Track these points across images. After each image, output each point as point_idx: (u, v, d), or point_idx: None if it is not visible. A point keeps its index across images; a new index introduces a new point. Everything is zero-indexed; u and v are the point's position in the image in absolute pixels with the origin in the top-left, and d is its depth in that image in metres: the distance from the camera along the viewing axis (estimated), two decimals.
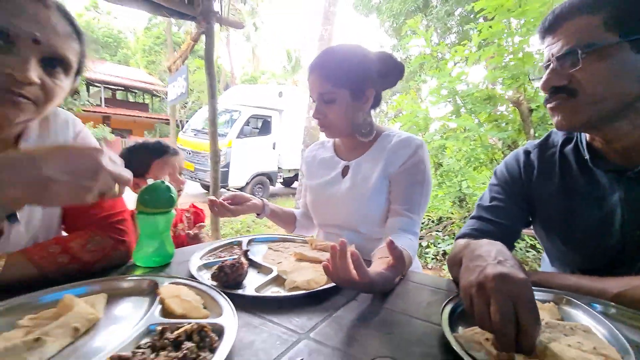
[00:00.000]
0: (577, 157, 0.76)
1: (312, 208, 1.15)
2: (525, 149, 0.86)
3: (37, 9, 0.57)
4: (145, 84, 19.52)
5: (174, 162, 1.28)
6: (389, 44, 16.12)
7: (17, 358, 0.39)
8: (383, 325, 0.55)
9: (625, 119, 0.64)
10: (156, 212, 0.73)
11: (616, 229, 0.69)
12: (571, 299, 0.61)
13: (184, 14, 2.66)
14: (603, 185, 0.72)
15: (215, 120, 2.90)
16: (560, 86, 0.66)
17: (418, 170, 0.97)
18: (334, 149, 1.15)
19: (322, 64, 0.97)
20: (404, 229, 0.92)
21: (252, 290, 0.62)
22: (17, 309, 0.49)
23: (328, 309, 0.59)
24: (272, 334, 0.50)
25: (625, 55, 0.60)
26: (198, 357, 0.40)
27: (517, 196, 0.84)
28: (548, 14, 0.67)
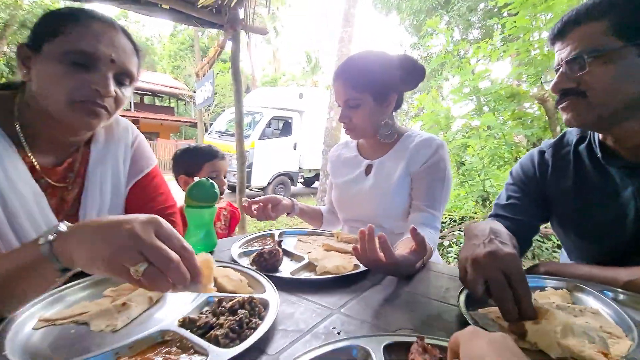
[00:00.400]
0: (591, 155, 0.80)
1: (337, 204, 1.22)
2: (539, 149, 0.90)
3: (110, 33, 0.69)
4: (171, 89, 20.26)
5: (221, 165, 1.41)
6: (409, 42, 15.89)
7: (110, 318, 0.49)
8: (405, 304, 0.62)
9: (633, 119, 0.68)
10: (202, 206, 0.83)
11: (630, 221, 0.73)
12: (583, 287, 0.66)
13: (212, 23, 2.81)
14: (616, 181, 0.75)
15: (241, 123, 3.04)
16: (569, 88, 0.70)
17: (439, 168, 1.03)
18: (357, 149, 1.22)
19: (347, 72, 1.04)
20: (426, 224, 0.98)
21: (287, 274, 0.71)
22: (100, 283, 0.60)
23: (356, 290, 0.66)
24: (308, 309, 0.58)
25: (631, 58, 0.63)
26: (250, 321, 0.49)
27: (533, 194, 0.88)
28: (557, 21, 0.71)
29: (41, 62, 0.65)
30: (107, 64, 0.66)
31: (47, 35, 0.65)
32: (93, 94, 0.65)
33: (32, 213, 0.66)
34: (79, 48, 0.64)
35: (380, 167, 1.11)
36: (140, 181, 0.86)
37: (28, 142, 0.69)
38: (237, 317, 0.48)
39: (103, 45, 0.66)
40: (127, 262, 0.41)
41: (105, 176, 0.80)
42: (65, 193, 0.75)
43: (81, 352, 0.42)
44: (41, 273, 0.45)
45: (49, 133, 0.71)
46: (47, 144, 0.72)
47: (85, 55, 0.64)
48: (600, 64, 0.66)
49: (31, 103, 0.68)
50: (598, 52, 0.65)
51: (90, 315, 0.49)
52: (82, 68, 0.65)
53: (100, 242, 0.42)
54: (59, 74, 0.64)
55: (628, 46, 0.64)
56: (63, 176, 0.75)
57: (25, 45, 0.67)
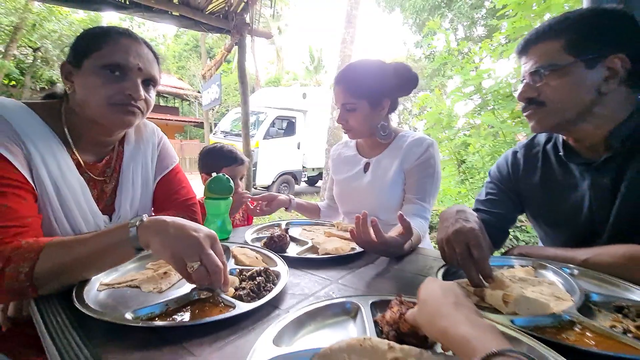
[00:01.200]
0: (556, 153, 0.91)
1: (338, 199, 1.35)
2: (513, 150, 1.02)
3: (135, 46, 0.82)
4: (176, 89, 20.49)
5: (238, 171, 1.53)
6: (412, 41, 15.94)
7: (155, 283, 0.62)
8: (393, 278, 0.74)
9: (587, 122, 0.79)
10: (219, 198, 0.96)
11: (586, 210, 0.84)
12: (545, 264, 0.78)
13: (219, 28, 2.94)
14: (575, 176, 0.87)
15: (248, 124, 3.17)
16: (532, 98, 0.82)
17: (429, 165, 1.15)
18: (356, 148, 1.35)
19: (345, 78, 1.16)
20: (416, 214, 1.10)
21: (294, 254, 0.84)
22: (143, 258, 0.74)
23: (352, 267, 0.79)
24: (311, 280, 0.71)
25: (580, 71, 0.75)
26: (266, 286, 0.61)
27: (508, 190, 1.01)
28: (522, 39, 0.83)
29: (82, 76, 0.78)
30: (135, 72, 0.79)
31: (86, 53, 0.78)
32: (127, 98, 0.78)
33: (79, 201, 0.80)
34: (113, 61, 0.77)
35: (377, 165, 1.23)
36: (166, 176, 0.99)
37: (74, 142, 0.82)
38: (256, 282, 0.60)
39: (131, 57, 0.79)
40: (187, 259, 0.55)
41: (136, 172, 0.93)
42: (104, 185, 0.88)
43: (138, 304, 0.55)
44: (123, 250, 0.60)
45: (90, 135, 0.84)
46: (89, 144, 0.85)
47: (118, 66, 0.77)
48: (556, 77, 0.77)
49: (76, 110, 0.81)
50: (554, 66, 0.77)
51: (140, 280, 0.62)
52: (116, 77, 0.77)
53: (173, 239, 0.56)
54: (98, 84, 0.77)
55: (578, 61, 0.75)
56: (102, 171, 0.88)
57: (67, 63, 0.80)
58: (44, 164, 0.73)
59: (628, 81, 0.77)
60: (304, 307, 0.54)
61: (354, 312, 0.55)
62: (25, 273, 0.56)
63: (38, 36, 10.64)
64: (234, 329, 0.50)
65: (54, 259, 0.58)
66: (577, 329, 0.53)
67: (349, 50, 5.67)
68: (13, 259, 0.57)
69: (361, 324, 0.51)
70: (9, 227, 0.62)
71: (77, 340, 0.47)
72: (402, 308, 0.51)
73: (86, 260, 0.59)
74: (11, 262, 0.57)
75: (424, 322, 0.42)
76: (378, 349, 0.42)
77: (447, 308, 0.39)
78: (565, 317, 0.55)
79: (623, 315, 0.57)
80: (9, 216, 0.63)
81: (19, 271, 0.56)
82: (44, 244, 0.60)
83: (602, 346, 0.48)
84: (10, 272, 0.56)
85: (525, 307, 0.58)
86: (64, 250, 0.59)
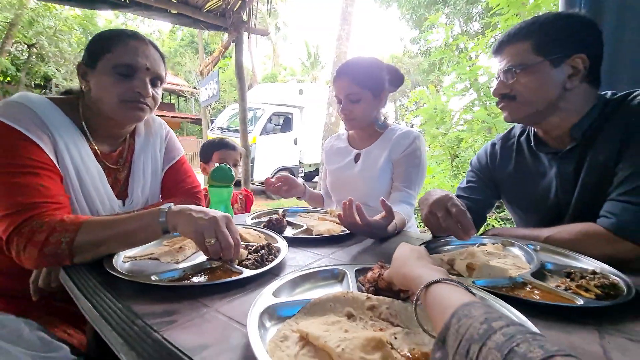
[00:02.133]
0: (528, 144, 1.02)
1: (330, 188, 1.45)
2: (492, 142, 1.13)
3: (143, 47, 0.90)
4: (172, 85, 20.42)
5: (229, 155, 1.65)
6: (409, 36, 15.98)
7: (173, 255, 0.72)
8: (377, 254, 0.84)
9: (553, 115, 0.89)
10: (221, 185, 1.05)
11: (553, 195, 0.95)
12: (512, 241, 0.88)
13: (217, 26, 3.01)
14: (545, 164, 0.97)
15: (245, 119, 3.26)
16: (505, 93, 0.92)
17: (415, 156, 1.25)
18: (347, 140, 1.45)
19: (350, 70, 1.25)
20: (403, 200, 1.20)
21: (290, 234, 0.93)
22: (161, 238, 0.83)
23: (342, 246, 0.89)
24: (306, 255, 0.81)
25: (547, 70, 0.85)
26: (269, 257, 0.71)
27: (485, 179, 1.12)
28: (497, 40, 0.93)
29: (97, 76, 0.86)
30: (144, 72, 0.88)
31: (99, 54, 0.86)
32: (136, 96, 0.87)
33: (97, 186, 0.89)
34: (124, 62, 0.85)
35: (367, 156, 1.33)
36: (173, 166, 1.09)
37: (91, 134, 0.91)
38: (259, 254, 0.70)
39: (140, 58, 0.87)
40: (206, 235, 0.66)
41: (146, 162, 1.02)
42: (118, 174, 0.97)
43: (160, 271, 0.64)
44: (153, 230, 0.70)
45: (104, 128, 0.93)
46: (104, 136, 0.94)
47: (128, 67, 0.85)
48: (525, 75, 0.87)
49: (91, 106, 0.90)
50: (524, 65, 0.87)
51: (159, 254, 0.72)
52: (126, 77, 0.86)
53: (196, 219, 0.68)
54: (110, 83, 0.85)
55: (545, 61, 0.85)
56: (116, 161, 0.97)
57: (82, 64, 0.89)
58: (67, 151, 0.82)
59: (588, 78, 0.87)
60: (298, 271, 0.64)
61: (341, 276, 0.65)
62: (67, 242, 0.66)
63: (33, 32, 10.58)
64: (240, 289, 0.60)
65: (92, 233, 0.68)
66: (528, 288, 0.63)
67: (345, 47, 5.74)
68: (57, 229, 0.67)
69: (346, 286, 0.61)
70: (49, 202, 0.72)
71: (110, 297, 0.56)
72: (382, 270, 0.61)
73: (120, 237, 0.69)
74: (55, 232, 0.67)
75: (393, 274, 0.52)
76: (358, 299, 0.52)
77: (411, 260, 0.50)
78: (519, 279, 0.65)
79: (570, 279, 0.67)
80: (47, 193, 0.72)
81: (61, 240, 0.66)
82: (84, 220, 0.70)
83: (545, 299, 0.58)
84: (54, 240, 0.66)
85: (487, 273, 0.69)
86: (101, 226, 0.69)
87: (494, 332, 0.29)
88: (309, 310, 0.50)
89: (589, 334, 0.48)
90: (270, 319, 0.48)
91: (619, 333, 0.48)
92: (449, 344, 0.33)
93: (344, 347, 0.38)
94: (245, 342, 0.43)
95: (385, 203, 0.86)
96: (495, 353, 0.27)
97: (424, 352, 0.42)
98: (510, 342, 0.27)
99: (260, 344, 0.39)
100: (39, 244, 0.66)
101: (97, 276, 0.64)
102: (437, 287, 0.41)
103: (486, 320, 0.31)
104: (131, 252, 0.74)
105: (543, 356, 0.24)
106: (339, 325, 0.46)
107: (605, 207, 0.81)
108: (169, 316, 0.50)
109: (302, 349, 0.42)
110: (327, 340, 0.40)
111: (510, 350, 0.26)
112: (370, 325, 0.48)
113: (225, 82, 16.85)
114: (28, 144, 0.74)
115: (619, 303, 0.54)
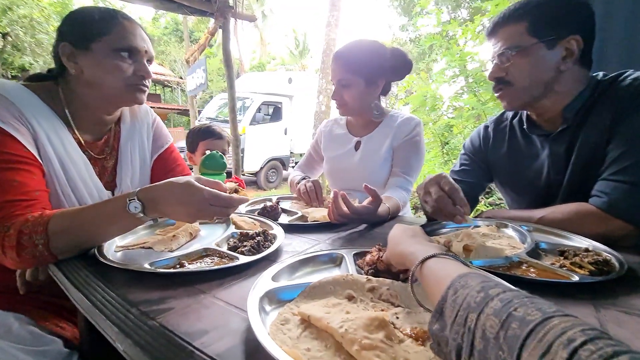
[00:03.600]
0: (520, 126, 1.02)
1: (328, 176, 1.43)
2: (485, 125, 1.13)
3: (137, 29, 0.87)
4: (157, 75, 19.84)
5: (215, 144, 1.60)
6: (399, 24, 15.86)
7: (166, 244, 0.70)
8: (375, 239, 0.84)
9: (547, 98, 0.89)
10: (213, 173, 1.03)
11: (545, 176, 0.96)
12: (506, 223, 0.89)
13: (202, 11, 2.91)
14: (537, 146, 0.98)
15: (234, 108, 3.19)
16: (501, 77, 0.90)
17: (415, 142, 1.25)
18: (346, 127, 1.42)
19: (344, 55, 1.21)
20: (400, 186, 1.20)
21: (286, 221, 0.92)
22: (152, 226, 0.82)
23: (338, 232, 0.89)
24: (302, 241, 0.80)
25: (542, 52, 0.84)
26: (265, 244, 0.70)
27: (479, 161, 1.12)
28: (490, 22, 0.91)
29: (94, 58, 0.81)
30: (143, 54, 0.86)
31: (95, 36, 0.81)
32: (140, 78, 0.86)
33: (84, 177, 0.85)
34: (125, 45, 0.83)
35: (368, 143, 1.31)
36: (161, 155, 1.05)
37: (74, 122, 0.86)
38: (255, 241, 0.69)
39: (138, 40, 0.85)
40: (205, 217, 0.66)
41: (134, 150, 0.99)
42: (105, 162, 0.94)
43: (154, 259, 0.63)
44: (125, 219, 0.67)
45: (89, 115, 0.88)
46: (88, 124, 0.90)
47: (129, 50, 0.84)
48: (520, 57, 0.86)
49: (77, 90, 0.85)
50: (518, 47, 0.86)
51: (152, 242, 0.70)
52: (127, 59, 0.84)
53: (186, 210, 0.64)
54: (114, 66, 0.82)
55: (539, 42, 0.84)
56: (102, 149, 0.93)
57: (69, 45, 0.82)
58: (49, 142, 0.78)
59: (581, 60, 0.87)
60: (296, 256, 0.63)
61: (339, 260, 0.65)
62: (43, 244, 0.63)
63: (8, 21, 10.08)
64: (237, 276, 0.59)
65: (62, 227, 0.65)
66: (524, 267, 0.64)
67: (334, 34, 5.65)
68: (24, 231, 0.63)
69: (345, 269, 0.61)
70: (21, 200, 0.68)
71: (102, 286, 0.55)
72: (380, 253, 0.61)
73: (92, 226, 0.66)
74: (23, 234, 0.63)
75: (389, 254, 0.52)
76: (358, 281, 0.52)
77: (405, 239, 0.50)
78: (515, 258, 0.66)
79: (564, 257, 0.68)
80: (20, 190, 0.68)
81: (35, 242, 0.63)
82: (51, 214, 0.66)
83: (541, 277, 0.59)
84: (26, 242, 0.63)
85: (484, 254, 0.69)
86: (69, 219, 0.66)
87: (491, 298, 0.29)
88: (309, 294, 0.50)
89: (585, 309, 0.49)
90: (270, 303, 0.47)
91: (614, 307, 0.49)
92: (447, 315, 0.32)
93: (347, 328, 0.38)
94: (246, 326, 0.42)
95: (368, 187, 0.86)
96: (494, 319, 0.27)
97: (426, 330, 0.42)
98: (508, 307, 0.27)
99: (262, 327, 0.38)
100: (13, 248, 0.63)
101: (88, 266, 0.62)
102: (432, 262, 0.41)
103: (483, 289, 0.31)
104: (123, 241, 0.72)
105: (541, 318, 0.24)
106: (340, 307, 0.46)
107: (597, 186, 0.82)
108: (165, 303, 0.49)
109: (304, 331, 0.41)
110: (329, 322, 0.39)
111: (509, 315, 0.26)
112: (372, 306, 0.48)
113: (212, 71, 16.50)
114: (2, 136, 0.70)
115: (612, 278, 0.55)
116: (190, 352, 0.38)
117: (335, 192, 0.84)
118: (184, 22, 14.14)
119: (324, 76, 5.73)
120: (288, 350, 0.35)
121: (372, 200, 0.87)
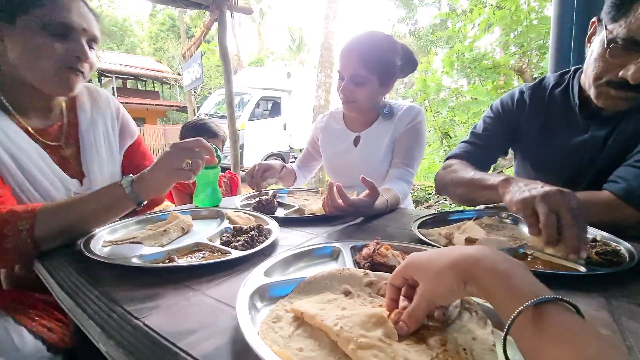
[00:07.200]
0: (564, 100, 0.93)
1: (329, 173, 1.39)
2: (520, 89, 1.04)
3: (76, 3, 0.76)
4: (155, 72, 19.68)
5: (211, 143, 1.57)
6: (397, 16, 15.73)
7: (156, 239, 0.67)
8: (373, 231, 0.81)
9: None
10: (208, 167, 1.00)
11: (576, 161, 0.90)
12: (509, 213, 0.86)
13: (197, 4, 2.86)
14: (579, 127, 0.90)
15: (232, 103, 3.15)
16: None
17: (417, 131, 1.20)
18: (343, 122, 1.36)
19: (361, 49, 1.10)
20: (401, 178, 1.16)
21: (282, 215, 0.90)
22: (143, 221, 0.79)
23: (335, 225, 0.86)
24: (298, 234, 0.77)
25: None
26: (259, 238, 0.67)
27: (506, 127, 1.04)
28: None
29: (19, 35, 0.71)
30: (80, 33, 0.75)
31: (19, 9, 0.70)
32: (75, 61, 0.75)
33: (41, 168, 0.76)
34: (57, 20, 0.71)
35: (368, 138, 1.26)
36: (129, 149, 1.01)
37: (14, 109, 0.77)
38: (249, 235, 0.66)
39: (75, 16, 0.74)
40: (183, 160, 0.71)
41: (98, 139, 0.91)
42: (62, 151, 0.85)
43: (142, 254, 0.60)
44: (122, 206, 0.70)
45: (29, 100, 0.79)
46: (32, 110, 0.81)
47: (62, 26, 0.72)
48: None
49: (8, 72, 0.74)
50: None
51: (142, 237, 0.67)
52: (60, 38, 0.72)
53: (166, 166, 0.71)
54: (42, 46, 0.71)
55: None
56: (56, 137, 0.85)
57: None
58: None
59: None
60: (291, 250, 0.60)
61: (336, 254, 0.62)
62: (27, 230, 0.60)
63: None
64: (229, 271, 0.56)
65: (52, 222, 0.62)
66: (529, 259, 0.61)
67: (332, 27, 5.58)
68: (10, 220, 0.60)
69: (342, 263, 0.58)
70: None
71: (86, 284, 0.52)
72: (378, 246, 0.58)
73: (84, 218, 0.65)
74: (8, 223, 0.60)
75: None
76: (355, 275, 0.49)
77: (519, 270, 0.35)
78: (520, 250, 0.63)
79: None
80: None
81: (20, 229, 0.60)
82: (38, 207, 0.63)
83: (546, 268, 0.56)
84: (10, 231, 0.60)
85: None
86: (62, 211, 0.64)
87: None
88: (304, 289, 0.47)
89: (595, 301, 0.46)
90: (262, 300, 0.45)
91: (626, 299, 0.46)
92: None
93: (342, 325, 0.35)
94: (235, 325, 0.39)
95: (366, 179, 0.83)
96: None
97: (427, 326, 0.39)
98: None
99: (250, 325, 0.35)
100: None
101: (73, 262, 0.60)
102: (558, 314, 0.28)
103: None
104: (112, 236, 0.70)
105: None
106: (336, 303, 0.43)
107: (617, 171, 0.78)
108: (151, 301, 0.46)
109: (297, 329, 0.38)
110: (323, 319, 0.37)
111: None
112: (369, 302, 0.45)
113: (210, 67, 16.38)
114: None
115: (623, 269, 0.53)
116: (174, 354, 0.36)
117: (331, 183, 0.80)
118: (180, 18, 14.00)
119: (322, 70, 5.66)
120: (278, 350, 0.32)
121: (370, 193, 0.84)
